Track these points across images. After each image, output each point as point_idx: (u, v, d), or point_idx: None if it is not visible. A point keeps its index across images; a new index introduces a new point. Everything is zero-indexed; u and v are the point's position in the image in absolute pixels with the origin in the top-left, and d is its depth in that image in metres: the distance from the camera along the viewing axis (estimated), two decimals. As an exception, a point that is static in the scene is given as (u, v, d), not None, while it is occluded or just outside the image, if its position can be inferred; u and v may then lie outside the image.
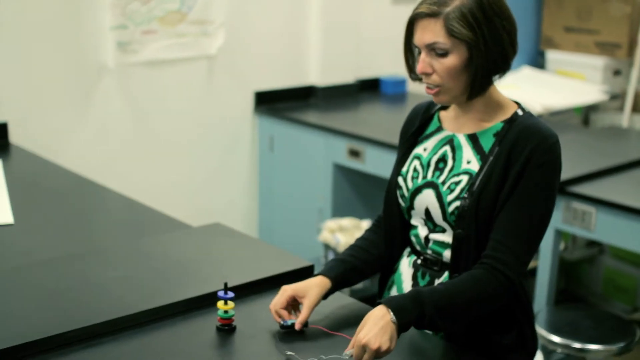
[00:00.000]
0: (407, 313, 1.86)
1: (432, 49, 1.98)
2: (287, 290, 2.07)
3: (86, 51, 4.12)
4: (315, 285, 2.09)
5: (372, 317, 1.85)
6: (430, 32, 1.96)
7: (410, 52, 2.08)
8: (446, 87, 2.00)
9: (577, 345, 3.13)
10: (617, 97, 5.29)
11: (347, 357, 1.85)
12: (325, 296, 2.11)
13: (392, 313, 1.85)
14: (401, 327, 1.86)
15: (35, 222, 2.89)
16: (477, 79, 1.99)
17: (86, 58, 4.13)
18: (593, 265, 4.81)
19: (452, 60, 1.96)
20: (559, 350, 3.18)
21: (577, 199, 3.40)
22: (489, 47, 1.96)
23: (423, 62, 2.00)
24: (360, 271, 2.21)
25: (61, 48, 4.05)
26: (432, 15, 1.95)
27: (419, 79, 2.08)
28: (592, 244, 4.83)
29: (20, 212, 2.91)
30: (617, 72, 5.34)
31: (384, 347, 1.81)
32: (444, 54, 1.97)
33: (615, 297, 4.72)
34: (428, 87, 2.04)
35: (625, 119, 5.20)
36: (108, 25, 4.09)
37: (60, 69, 4.06)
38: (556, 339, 3.16)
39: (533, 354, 2.15)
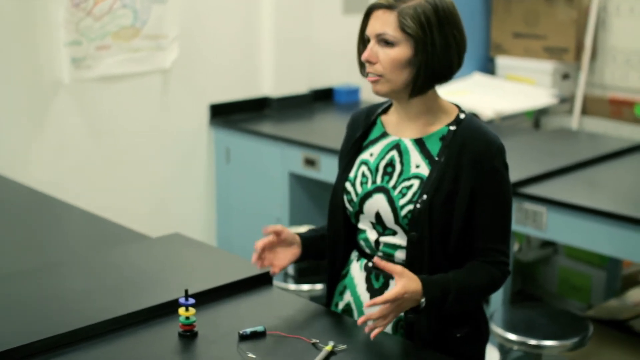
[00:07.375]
0: (436, 296, 2.02)
1: (381, 39, 2.06)
2: (282, 231, 2.27)
3: (41, 67, 4.13)
4: (297, 248, 2.32)
5: (409, 293, 1.98)
6: (382, 23, 2.05)
7: (363, 44, 2.14)
8: (387, 77, 2.07)
9: (532, 342, 3.19)
10: (566, 101, 5.39)
11: None
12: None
13: (425, 298, 2.01)
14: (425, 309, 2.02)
15: (-6, 238, 2.90)
16: (419, 77, 2.06)
17: (41, 74, 4.13)
18: (548, 266, 4.89)
19: (396, 53, 2.04)
20: (516, 347, 3.24)
21: (528, 199, 3.48)
22: (435, 50, 2.03)
23: (370, 50, 2.08)
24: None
25: (16, 64, 4.05)
26: (388, 7, 2.05)
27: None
28: (546, 244, 4.91)
29: (-21, 228, 2.92)
30: (565, 76, 5.44)
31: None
32: (390, 44, 2.04)
33: (570, 296, 4.80)
34: (370, 75, 2.10)
35: (574, 121, 5.30)
36: (62, 41, 4.10)
37: (15, 86, 4.06)
38: (512, 336, 3.21)
39: (486, 342, 2.25)
